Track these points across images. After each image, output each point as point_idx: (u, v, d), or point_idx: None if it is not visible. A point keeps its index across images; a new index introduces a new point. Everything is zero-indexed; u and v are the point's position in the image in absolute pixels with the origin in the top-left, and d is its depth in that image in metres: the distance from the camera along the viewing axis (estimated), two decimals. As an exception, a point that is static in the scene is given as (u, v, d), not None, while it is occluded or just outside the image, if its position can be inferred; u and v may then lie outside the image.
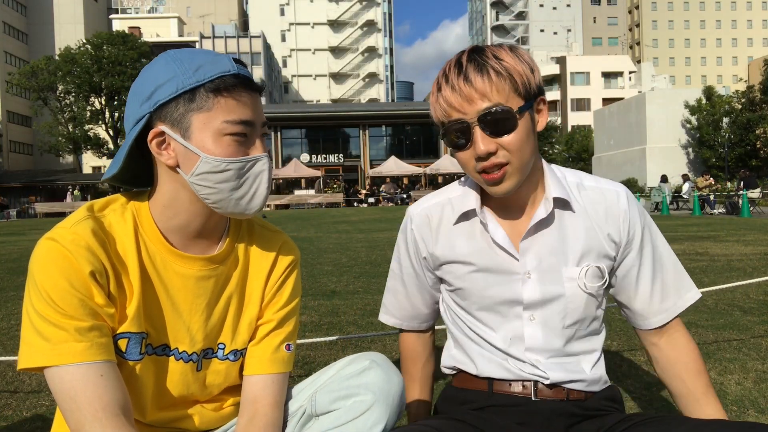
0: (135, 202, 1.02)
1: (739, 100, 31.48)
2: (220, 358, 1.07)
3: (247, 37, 64.22)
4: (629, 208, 1.15)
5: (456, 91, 1.02)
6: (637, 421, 1.05)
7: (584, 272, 1.12)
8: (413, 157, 41.99)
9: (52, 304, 0.87)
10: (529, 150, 1.05)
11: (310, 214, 22.66)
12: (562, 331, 1.14)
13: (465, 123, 1.03)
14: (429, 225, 1.21)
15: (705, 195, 19.34)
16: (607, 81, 69.35)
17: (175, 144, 0.94)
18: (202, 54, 0.96)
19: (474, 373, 1.19)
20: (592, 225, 1.14)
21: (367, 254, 7.79)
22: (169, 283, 1.01)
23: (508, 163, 1.04)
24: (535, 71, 1.06)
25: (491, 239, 1.14)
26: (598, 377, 1.17)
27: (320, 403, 1.03)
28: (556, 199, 1.12)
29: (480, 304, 1.17)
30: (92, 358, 0.88)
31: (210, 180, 0.94)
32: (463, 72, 1.02)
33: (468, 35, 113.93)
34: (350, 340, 3.19)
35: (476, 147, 1.03)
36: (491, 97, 1.01)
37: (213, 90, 0.92)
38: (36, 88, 41.90)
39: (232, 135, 0.94)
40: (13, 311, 4.34)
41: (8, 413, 2.25)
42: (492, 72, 1.01)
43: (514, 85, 1.02)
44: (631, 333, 3.30)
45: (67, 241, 0.90)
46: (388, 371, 1.02)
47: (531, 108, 1.06)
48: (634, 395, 2.29)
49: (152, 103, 0.93)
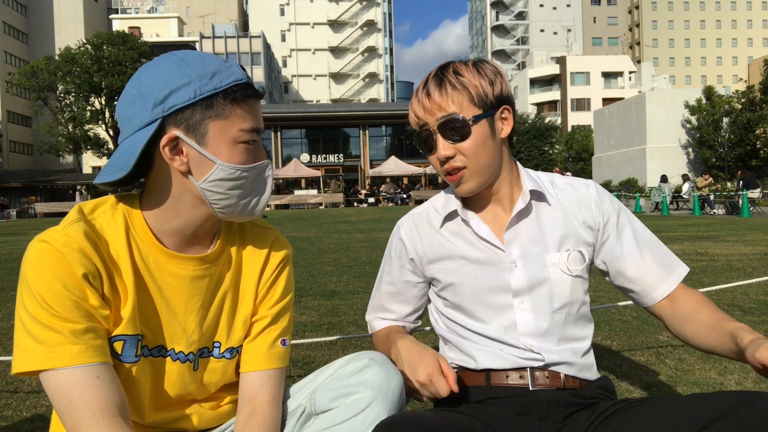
0: (125, 204, 1.01)
1: (739, 100, 31.47)
2: (216, 357, 1.07)
3: (247, 37, 64.16)
4: (599, 197, 1.27)
5: (420, 103, 1.19)
6: (627, 404, 1.09)
7: (566, 256, 1.22)
8: (413, 157, 41.98)
9: (46, 307, 0.87)
10: (486, 154, 1.17)
11: (310, 214, 22.66)
12: (552, 315, 1.21)
13: (429, 130, 1.18)
14: (416, 229, 1.31)
15: (705, 195, 19.34)
16: (607, 81, 69.32)
17: (189, 150, 0.94)
18: (212, 59, 0.96)
19: (473, 367, 1.22)
20: (567, 214, 1.25)
21: (367, 254, 7.79)
22: (163, 283, 1.01)
23: (465, 167, 1.17)
24: (496, 83, 1.18)
25: (475, 234, 1.23)
26: (590, 364, 1.23)
27: (319, 401, 1.03)
28: (532, 191, 1.23)
29: (472, 297, 1.23)
30: (88, 360, 0.87)
31: (223, 186, 0.96)
32: (426, 87, 1.19)
33: (468, 35, 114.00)
34: (350, 340, 3.19)
35: (438, 151, 1.18)
36: (447, 108, 1.16)
37: (230, 98, 0.94)
38: (36, 88, 41.85)
39: (245, 143, 0.96)
40: (13, 311, 4.34)
41: (8, 413, 2.25)
42: (449, 86, 1.16)
43: (470, 96, 1.16)
44: (631, 333, 3.30)
45: (59, 244, 0.89)
46: (387, 369, 1.02)
47: (490, 116, 1.17)
48: (635, 395, 2.29)
49: (167, 107, 0.92)
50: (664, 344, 3.06)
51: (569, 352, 1.20)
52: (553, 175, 1.32)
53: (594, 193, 1.27)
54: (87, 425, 0.85)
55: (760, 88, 31.55)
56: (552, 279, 1.21)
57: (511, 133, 1.22)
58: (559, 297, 1.21)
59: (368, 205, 33.10)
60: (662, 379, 2.48)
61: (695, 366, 2.65)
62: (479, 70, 1.18)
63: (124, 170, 0.92)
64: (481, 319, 1.23)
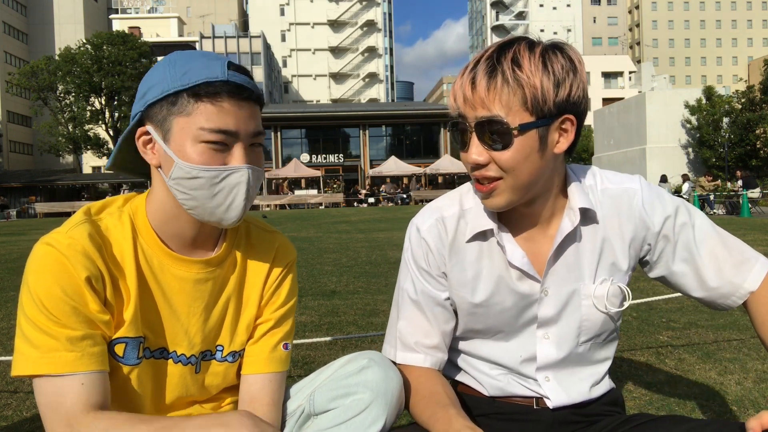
0: (132, 204, 1.02)
1: (739, 100, 31.43)
2: (219, 360, 1.07)
3: (247, 37, 64.10)
4: (644, 208, 1.06)
5: (461, 89, 0.96)
6: (637, 423, 1.04)
7: (604, 291, 1.05)
8: (413, 157, 41.96)
9: (44, 311, 0.87)
10: (527, 171, 0.95)
11: (310, 214, 22.65)
12: (577, 347, 1.09)
13: (465, 125, 0.98)
14: (441, 239, 1.09)
15: (704, 195, 19.32)
16: (607, 81, 69.31)
17: (157, 145, 0.96)
18: (199, 58, 0.95)
19: (479, 390, 1.15)
20: (607, 236, 1.06)
21: (367, 254, 7.78)
22: (167, 286, 1.00)
23: (501, 179, 0.97)
24: (564, 85, 0.93)
25: (508, 263, 1.05)
26: (603, 381, 1.14)
27: (319, 402, 1.02)
28: (582, 210, 1.03)
29: (492, 327, 1.11)
30: (82, 368, 0.87)
31: (184, 186, 0.93)
32: (474, 72, 0.95)
33: (468, 35, 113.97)
34: (350, 340, 3.19)
35: (469, 154, 0.98)
36: (491, 107, 0.93)
37: (194, 95, 0.91)
38: (36, 88, 41.86)
39: (207, 143, 0.91)
40: (13, 311, 4.34)
41: (8, 413, 2.25)
42: (500, 79, 0.92)
43: (523, 98, 0.92)
44: (631, 333, 3.30)
45: (63, 246, 0.89)
46: (386, 369, 1.02)
47: (544, 126, 0.94)
48: (635, 395, 2.29)
49: (143, 102, 0.95)
50: (664, 344, 3.06)
51: (582, 387, 1.11)
52: (595, 171, 1.10)
53: (639, 205, 1.06)
54: (61, 427, 0.85)
55: (760, 88, 31.51)
56: (583, 312, 1.07)
57: (570, 147, 0.99)
58: (588, 331, 1.08)
59: (368, 205, 33.09)
60: (662, 379, 2.48)
61: (695, 366, 2.64)
62: (547, 63, 0.93)
63: (111, 159, 1.04)
64: (497, 345, 1.11)
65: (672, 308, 3.97)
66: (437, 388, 1.07)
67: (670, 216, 1.06)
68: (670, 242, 1.06)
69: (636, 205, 1.06)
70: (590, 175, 1.10)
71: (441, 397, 1.04)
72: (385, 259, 7.08)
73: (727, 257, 1.05)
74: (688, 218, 1.07)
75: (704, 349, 2.93)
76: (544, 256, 1.06)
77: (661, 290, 4.52)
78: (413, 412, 1.07)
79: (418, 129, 44.53)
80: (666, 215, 1.06)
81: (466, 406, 1.15)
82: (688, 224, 1.06)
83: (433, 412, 1.01)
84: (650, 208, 1.06)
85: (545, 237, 1.06)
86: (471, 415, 1.11)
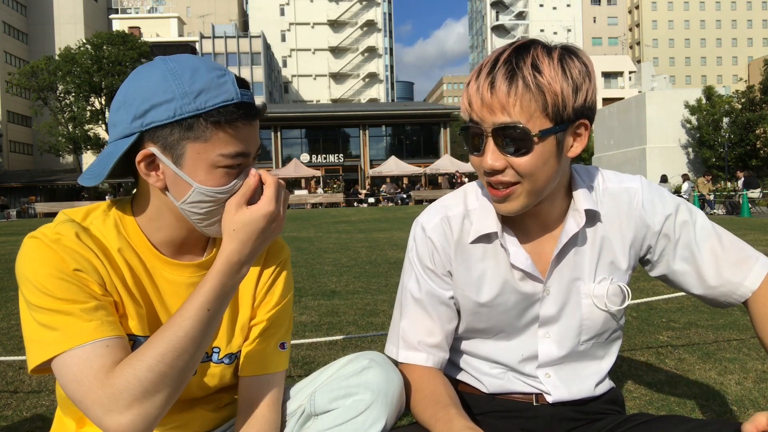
0: (117, 210, 1.00)
1: (739, 100, 31.42)
2: (215, 362, 1.07)
3: (247, 37, 64.10)
4: (644, 208, 1.07)
5: (479, 93, 0.94)
6: (637, 422, 1.04)
7: (604, 290, 1.06)
8: (413, 157, 41.97)
9: (50, 294, 0.86)
10: (545, 175, 0.96)
11: (310, 214, 22.64)
12: (578, 346, 1.10)
13: (481, 130, 0.95)
14: (446, 238, 1.10)
15: (703, 195, 19.32)
16: (607, 81, 69.29)
17: (165, 168, 0.90)
18: (205, 72, 0.89)
19: (478, 388, 1.16)
20: (607, 234, 1.07)
21: (367, 254, 7.78)
22: (161, 289, 1.00)
23: (518, 183, 0.96)
24: (582, 90, 0.93)
25: (511, 264, 1.06)
26: (604, 380, 1.14)
27: (319, 402, 1.02)
28: (587, 211, 1.04)
29: (494, 327, 1.11)
30: (105, 334, 0.86)
31: (200, 207, 0.92)
32: (492, 75, 0.92)
33: (468, 35, 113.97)
34: (350, 340, 3.19)
35: (485, 159, 0.96)
36: (511, 113, 0.91)
37: (213, 122, 0.87)
38: (36, 88, 41.86)
39: (225, 167, 0.90)
40: (13, 311, 4.34)
41: (8, 413, 2.25)
42: (521, 84, 0.91)
43: (543, 104, 0.91)
44: (631, 333, 3.30)
45: (49, 240, 0.89)
46: (387, 370, 1.02)
47: (562, 132, 0.94)
48: (635, 395, 2.29)
49: (145, 122, 0.88)
50: (664, 344, 3.06)
51: (584, 384, 1.11)
52: (597, 171, 1.11)
53: (639, 204, 1.07)
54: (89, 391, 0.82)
55: (760, 88, 31.51)
56: (584, 311, 1.08)
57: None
58: (589, 330, 1.09)
59: (368, 205, 33.08)
60: (662, 378, 2.48)
61: (695, 366, 2.64)
62: (566, 68, 0.92)
63: (99, 179, 0.92)
64: (498, 344, 1.12)
65: (672, 308, 3.97)
66: (439, 387, 1.07)
67: (671, 215, 1.06)
68: (670, 241, 1.07)
69: (636, 204, 1.07)
70: (593, 175, 1.11)
71: (442, 396, 1.04)
72: (385, 259, 7.08)
73: (727, 256, 1.05)
74: (689, 217, 1.07)
75: (704, 349, 2.93)
76: (547, 257, 1.07)
77: (661, 290, 4.52)
78: (414, 411, 1.07)
79: (418, 129, 44.54)
80: (666, 214, 1.06)
81: (466, 404, 1.14)
82: (689, 223, 1.07)
83: (434, 411, 1.01)
84: (650, 207, 1.07)
85: (549, 238, 1.07)
86: (470, 413, 1.12)
